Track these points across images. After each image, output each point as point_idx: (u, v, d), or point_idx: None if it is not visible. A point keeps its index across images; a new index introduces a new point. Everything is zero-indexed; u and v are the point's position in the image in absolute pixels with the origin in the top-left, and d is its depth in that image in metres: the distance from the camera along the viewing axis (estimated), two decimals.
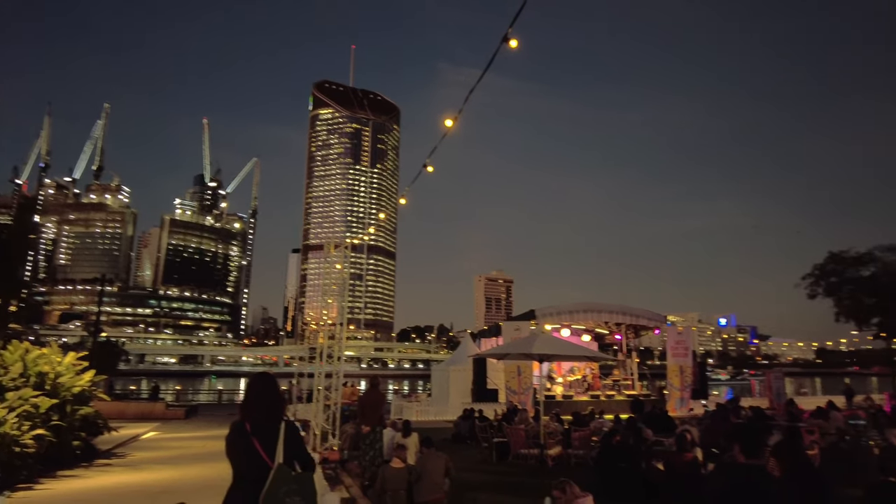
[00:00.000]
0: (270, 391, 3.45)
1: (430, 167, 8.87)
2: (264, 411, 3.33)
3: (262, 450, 3.17)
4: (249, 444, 3.18)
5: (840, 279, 45.04)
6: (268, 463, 3.12)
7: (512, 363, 19.50)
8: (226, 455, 3.26)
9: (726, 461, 5.26)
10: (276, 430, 3.24)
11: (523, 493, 8.36)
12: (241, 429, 3.25)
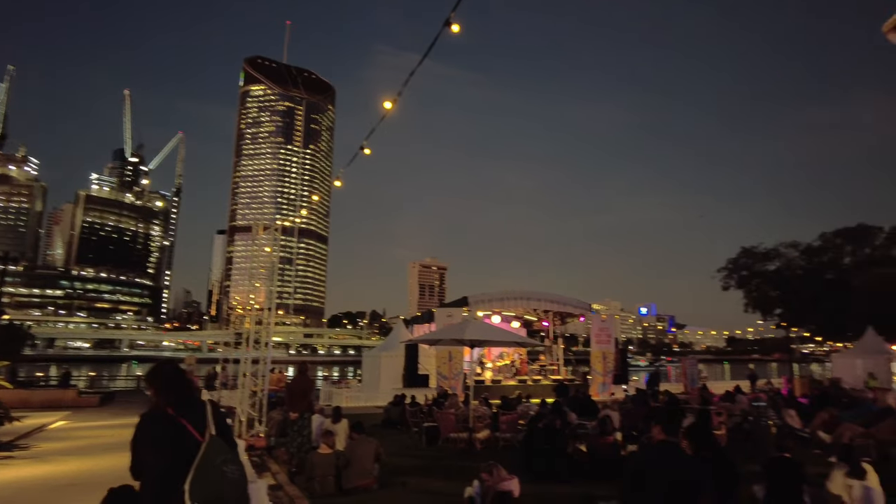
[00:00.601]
0: (181, 375, 3.34)
1: (367, 149, 8.74)
2: (183, 393, 3.21)
3: (192, 429, 3.04)
4: (178, 427, 3.03)
5: (750, 273, 48.36)
6: (200, 440, 3.00)
7: (444, 349, 19.67)
8: (138, 450, 3.05)
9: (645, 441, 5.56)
10: (202, 408, 3.13)
11: (452, 476, 8.49)
12: (164, 416, 3.09)
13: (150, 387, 3.29)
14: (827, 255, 46.41)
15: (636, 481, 4.05)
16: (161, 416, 3.10)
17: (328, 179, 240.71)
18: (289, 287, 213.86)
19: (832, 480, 6.83)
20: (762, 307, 48.31)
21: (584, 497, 7.59)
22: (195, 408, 3.14)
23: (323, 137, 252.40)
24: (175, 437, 3.02)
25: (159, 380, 3.25)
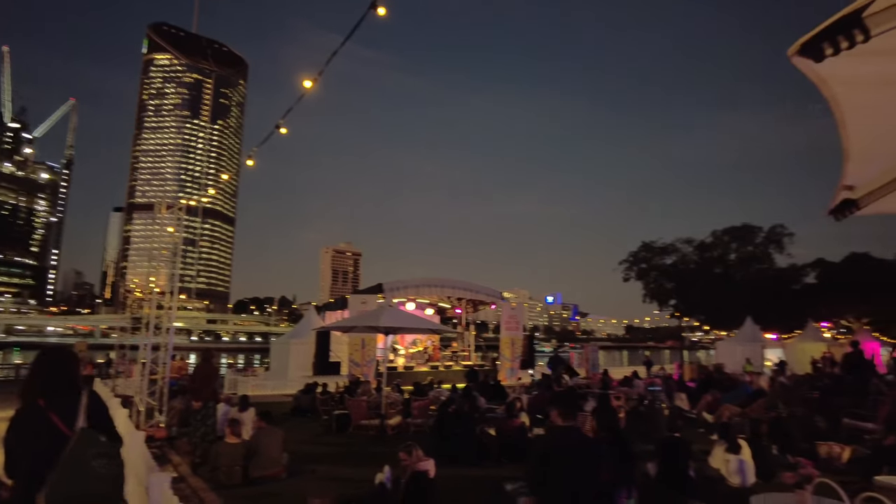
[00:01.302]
0: (65, 363, 3.08)
1: (283, 129, 8.44)
2: (60, 384, 2.97)
3: (61, 423, 2.81)
4: (46, 420, 2.79)
5: (649, 266, 51.74)
6: (68, 436, 2.79)
7: (357, 336, 19.50)
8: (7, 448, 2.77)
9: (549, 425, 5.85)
10: (76, 401, 2.90)
11: (363, 462, 8.49)
12: (34, 407, 2.84)
13: (27, 375, 3.04)
14: (716, 251, 50.54)
15: (541, 463, 4.26)
16: (29, 410, 2.86)
17: (236, 158, 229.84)
18: (191, 270, 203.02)
19: (713, 456, 7.50)
20: (658, 298, 51.94)
21: (493, 479, 7.86)
22: (70, 399, 2.91)
23: (233, 114, 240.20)
24: (40, 431, 2.78)
25: (34, 368, 3.01)
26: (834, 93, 1.35)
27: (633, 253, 52.06)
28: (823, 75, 1.30)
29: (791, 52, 1.19)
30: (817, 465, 8.13)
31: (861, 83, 1.36)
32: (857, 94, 1.38)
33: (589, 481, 4.14)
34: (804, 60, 1.21)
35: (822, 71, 1.27)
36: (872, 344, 22.98)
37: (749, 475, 7.20)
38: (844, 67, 1.27)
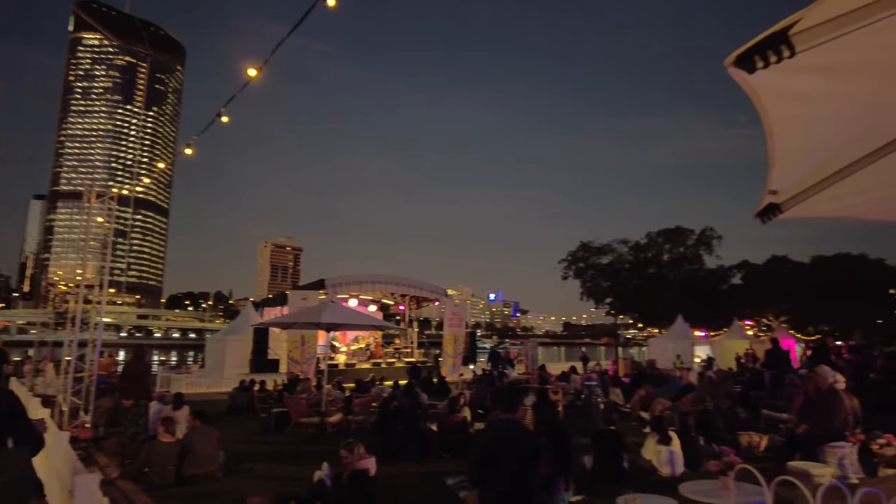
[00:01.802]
0: None
1: (225, 117, 8.17)
2: None
3: None
4: None
5: (586, 265, 53.34)
6: None
7: (296, 333, 19.16)
8: None
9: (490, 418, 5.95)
10: None
11: (302, 460, 8.36)
12: None
13: None
14: (650, 251, 52.66)
15: (481, 457, 4.34)
16: None
17: (172, 146, 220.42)
18: (122, 263, 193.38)
19: (645, 447, 7.84)
20: (595, 296, 53.66)
21: (435, 474, 7.92)
22: None
23: (169, 100, 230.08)
24: None
25: None
26: (763, 103, 1.46)
27: (571, 252, 53.53)
28: (755, 86, 1.40)
29: (727, 62, 1.29)
30: (739, 453, 8.63)
31: (786, 96, 1.47)
32: (782, 105, 1.50)
33: (528, 472, 4.25)
34: (738, 71, 1.30)
35: (754, 82, 1.38)
36: (789, 341, 24.52)
37: (678, 465, 7.57)
38: (773, 80, 1.38)
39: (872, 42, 1.40)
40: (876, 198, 2.38)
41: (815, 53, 1.29)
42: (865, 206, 2.41)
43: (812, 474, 5.59)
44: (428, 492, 7.21)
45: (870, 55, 1.46)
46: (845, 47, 1.36)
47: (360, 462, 5.56)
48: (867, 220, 2.61)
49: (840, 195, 2.15)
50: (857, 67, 1.49)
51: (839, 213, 2.38)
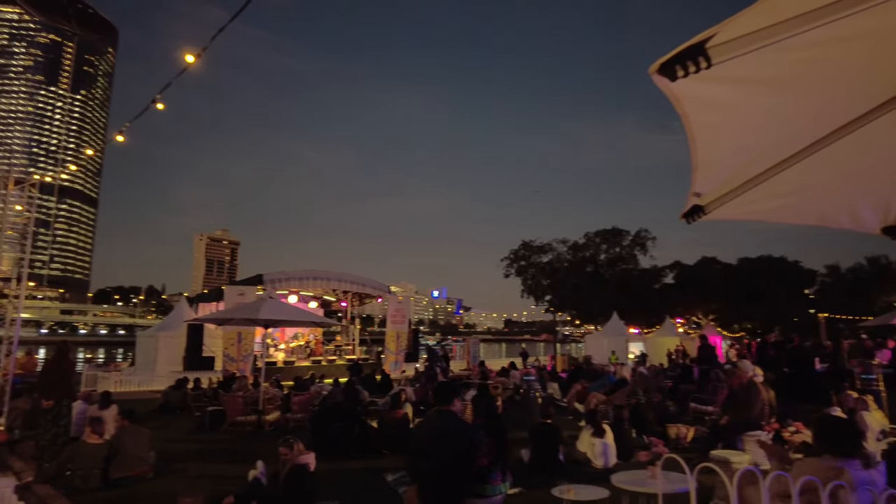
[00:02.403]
0: None
1: (160, 104, 7.83)
2: None
3: None
4: None
5: (527, 263, 54.52)
6: None
7: (232, 329, 18.61)
8: None
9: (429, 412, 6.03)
10: None
11: (238, 459, 8.17)
12: None
13: None
14: (588, 251, 54.34)
15: (418, 450, 4.39)
16: None
17: (102, 133, 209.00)
18: (44, 255, 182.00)
19: (580, 440, 8.11)
20: (535, 293, 54.97)
21: (375, 471, 7.91)
22: None
23: (99, 84, 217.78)
24: None
25: None
26: (685, 110, 1.56)
27: (513, 251, 54.61)
28: (677, 94, 1.50)
29: (651, 70, 1.37)
30: (667, 444, 9.06)
31: (705, 104, 1.58)
32: (702, 113, 1.61)
33: (464, 464, 4.32)
34: (661, 79, 1.39)
35: (676, 90, 1.47)
36: (716, 338, 25.86)
37: (611, 457, 7.87)
38: (693, 89, 1.48)
39: (781, 58, 1.52)
40: (789, 202, 2.58)
41: (731, 66, 1.40)
42: (780, 209, 2.60)
43: (731, 461, 5.94)
44: (368, 488, 7.20)
45: (780, 70, 1.59)
46: (757, 62, 1.47)
47: (299, 458, 5.49)
48: (782, 223, 2.81)
49: (757, 199, 2.31)
50: (769, 81, 1.62)
51: (757, 216, 2.55)
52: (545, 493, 5.48)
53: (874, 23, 1.53)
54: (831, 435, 3.93)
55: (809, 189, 2.46)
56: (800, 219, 2.72)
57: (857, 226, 2.80)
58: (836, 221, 2.81)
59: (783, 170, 2.11)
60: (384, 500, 6.58)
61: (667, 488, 4.93)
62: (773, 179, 2.14)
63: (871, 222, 2.77)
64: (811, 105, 1.86)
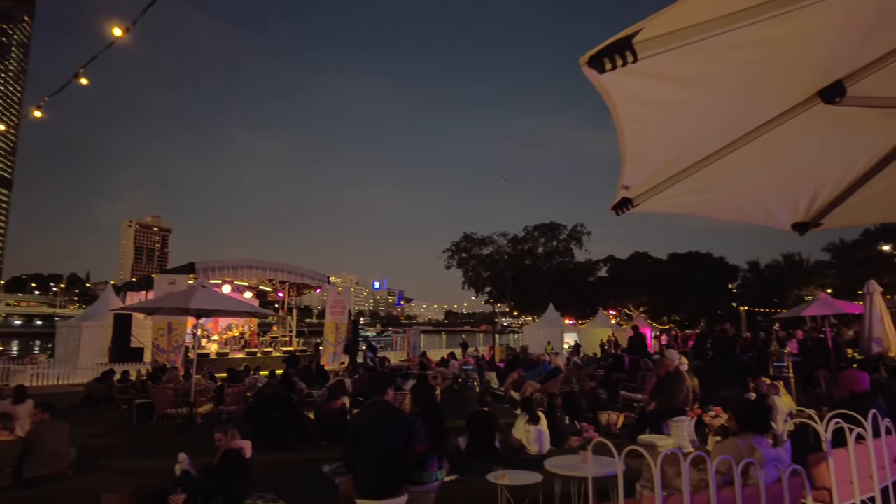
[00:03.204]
0: None
1: (83, 79, 7.36)
2: None
3: None
4: None
5: (468, 255, 55.17)
6: None
7: (162, 319, 17.89)
8: None
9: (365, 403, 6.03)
10: None
11: (167, 452, 7.84)
12: None
13: None
14: (527, 244, 55.56)
15: (355, 440, 4.39)
16: None
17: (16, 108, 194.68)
18: None
19: (516, 427, 8.30)
20: (475, 285, 55.77)
21: (311, 462, 7.83)
22: None
23: (14, 55, 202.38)
24: None
25: None
26: (614, 103, 1.63)
27: (455, 243, 55.10)
28: (606, 87, 1.56)
29: (582, 61, 1.42)
30: (598, 430, 9.43)
31: (633, 98, 1.66)
32: (630, 106, 1.69)
33: (400, 452, 4.36)
34: (591, 71, 1.45)
35: (605, 83, 1.54)
36: (646, 329, 27.01)
37: (545, 443, 8.10)
38: (621, 82, 1.55)
39: (704, 57, 1.61)
40: (712, 198, 2.73)
41: (657, 62, 1.47)
42: (704, 204, 2.75)
43: (657, 445, 6.24)
44: (304, 479, 7.12)
45: (703, 69, 1.68)
46: (682, 59, 1.56)
47: (234, 442, 5.37)
48: (707, 217, 2.98)
49: (682, 193, 2.44)
50: (692, 78, 1.71)
51: (682, 210, 2.69)
52: (481, 480, 5.59)
53: (788, 29, 1.65)
54: (745, 416, 4.27)
55: (730, 185, 2.62)
56: (721, 214, 2.89)
57: (771, 222, 3.01)
58: (754, 217, 3.01)
59: (706, 166, 2.24)
60: (320, 491, 6.53)
61: (596, 472, 5.13)
62: (697, 175, 2.27)
63: (783, 219, 2.98)
64: (732, 104, 1.98)
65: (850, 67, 1.95)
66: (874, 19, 1.70)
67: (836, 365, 12.41)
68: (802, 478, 4.22)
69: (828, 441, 4.68)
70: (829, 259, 50.42)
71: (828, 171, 2.73)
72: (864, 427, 4.93)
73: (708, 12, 1.42)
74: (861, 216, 3.04)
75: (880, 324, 11.45)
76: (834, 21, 1.65)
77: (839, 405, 5.83)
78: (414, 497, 4.53)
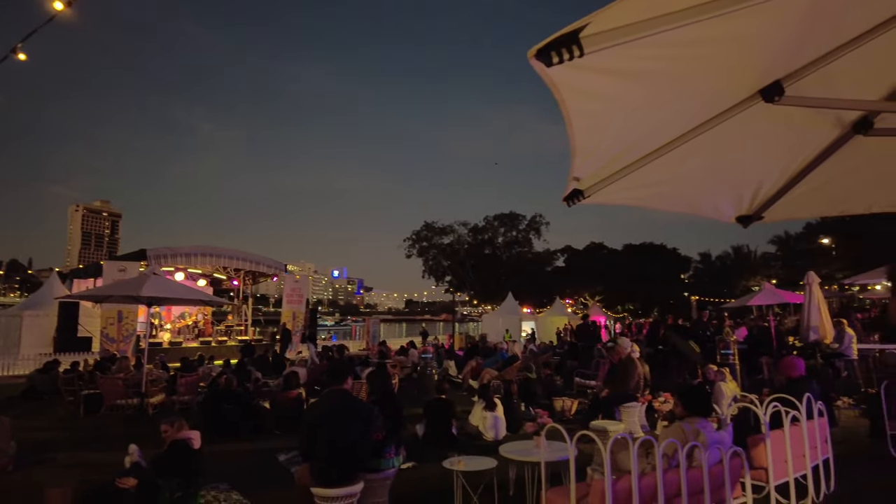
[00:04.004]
0: None
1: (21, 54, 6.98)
2: None
3: None
4: None
5: (429, 244, 55.25)
6: None
7: (112, 308, 17.32)
8: None
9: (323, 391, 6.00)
10: None
11: (115, 445, 7.63)
12: None
13: None
14: (487, 234, 56.00)
15: (312, 429, 4.37)
16: None
17: None
18: None
19: (473, 414, 8.41)
20: (436, 274, 55.97)
21: (266, 451, 7.75)
22: None
23: None
24: None
25: None
26: (562, 96, 1.66)
27: (416, 232, 55.09)
28: (554, 80, 1.59)
29: (529, 54, 1.45)
30: (553, 416, 9.64)
31: (580, 91, 1.70)
32: (577, 100, 1.73)
33: (356, 440, 4.37)
34: (538, 63, 1.47)
35: (553, 76, 1.56)
36: (600, 317, 27.67)
37: (501, 429, 8.23)
38: (567, 76, 1.58)
39: (650, 53, 1.66)
40: (660, 191, 2.82)
41: (603, 56, 1.51)
42: (652, 197, 2.84)
43: (608, 430, 6.43)
44: (259, 469, 7.04)
45: (648, 64, 1.73)
46: (628, 55, 1.60)
47: (181, 433, 5.25)
48: (655, 209, 3.07)
49: (632, 186, 2.51)
50: (638, 73, 1.76)
51: (632, 202, 2.77)
52: (437, 466, 5.65)
53: (730, 29, 1.71)
54: (689, 400, 4.47)
55: (677, 179, 2.71)
56: (669, 206, 2.98)
57: (717, 214, 3.13)
58: (700, 210, 3.12)
59: (654, 160, 2.31)
60: (276, 481, 6.47)
61: (549, 456, 5.26)
62: (645, 168, 2.34)
63: (727, 212, 3.11)
64: (677, 100, 2.05)
65: (788, 68, 2.04)
66: (807, 24, 1.78)
67: (779, 352, 13.03)
68: (742, 458, 4.44)
69: (766, 423, 4.93)
70: (775, 251, 52.65)
71: (769, 167, 2.85)
72: (799, 410, 5.21)
73: (652, 10, 1.47)
74: (799, 210, 3.20)
75: (817, 313, 12.03)
76: (771, 24, 1.73)
77: (778, 390, 6.15)
78: (370, 484, 4.55)
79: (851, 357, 11.68)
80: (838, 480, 5.55)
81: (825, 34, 1.90)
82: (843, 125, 2.56)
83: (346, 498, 4.23)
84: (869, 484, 5.71)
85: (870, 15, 1.87)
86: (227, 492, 6.05)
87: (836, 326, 12.05)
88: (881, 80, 2.28)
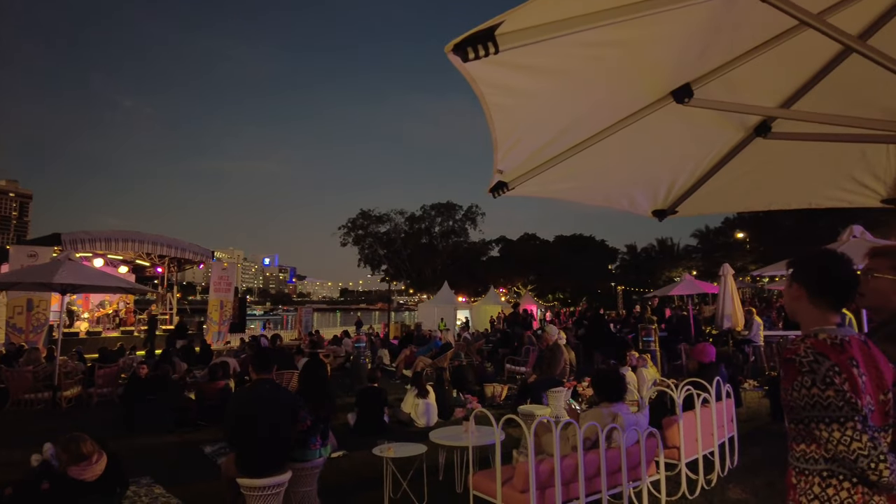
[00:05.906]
0: None
1: None
2: None
3: None
4: None
5: (365, 232, 54.75)
6: None
7: (20, 296, 16.17)
8: None
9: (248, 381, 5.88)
10: None
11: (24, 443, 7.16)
12: None
13: None
14: (424, 223, 56.10)
15: (238, 419, 4.30)
16: None
17: None
18: None
19: (405, 401, 8.48)
20: (372, 263, 55.60)
21: (192, 443, 7.53)
22: None
23: None
24: None
25: None
26: (481, 90, 1.71)
27: (351, 220, 54.47)
28: (472, 74, 1.64)
29: (447, 49, 1.49)
30: (483, 401, 9.86)
31: (497, 86, 1.75)
32: (495, 95, 1.78)
33: (282, 430, 4.33)
34: (456, 58, 1.51)
35: (471, 70, 1.61)
36: (531, 306, 28.40)
37: (433, 416, 8.35)
38: (484, 71, 1.63)
39: (564, 52, 1.74)
40: (579, 185, 2.95)
41: (518, 53, 1.57)
42: (572, 190, 2.96)
43: (535, 414, 6.65)
44: (184, 461, 6.83)
45: (563, 62, 1.81)
46: (542, 53, 1.67)
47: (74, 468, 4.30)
48: (575, 202, 3.20)
49: (553, 180, 2.61)
50: (554, 71, 1.84)
51: (554, 195, 2.88)
52: (368, 454, 5.68)
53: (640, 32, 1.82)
54: (603, 385, 4.72)
55: (596, 173, 2.85)
56: (589, 199, 3.12)
57: (634, 208, 3.30)
58: (619, 203, 3.28)
59: (573, 155, 2.41)
60: (201, 473, 6.30)
61: (477, 441, 5.40)
62: (565, 163, 2.44)
63: (644, 206, 3.28)
64: (593, 98, 2.15)
65: (696, 72, 2.18)
66: (709, 34, 1.92)
67: (696, 339, 13.85)
68: (657, 439, 4.73)
69: (679, 406, 5.26)
70: (696, 244, 55.60)
71: (682, 164, 3.04)
72: (709, 392, 5.59)
73: (565, 11, 1.53)
74: (709, 206, 3.42)
75: (731, 302, 12.87)
76: (678, 30, 1.85)
77: (691, 374, 6.57)
78: (298, 474, 4.52)
79: (759, 343, 12.57)
80: (741, 455, 6.01)
81: (725, 44, 2.05)
82: (747, 128, 2.77)
83: (273, 487, 4.19)
84: (766, 458, 6.21)
85: (761, 30, 2.04)
86: (148, 486, 5.84)
87: (746, 315, 12.93)
88: (777, 89, 2.49)
